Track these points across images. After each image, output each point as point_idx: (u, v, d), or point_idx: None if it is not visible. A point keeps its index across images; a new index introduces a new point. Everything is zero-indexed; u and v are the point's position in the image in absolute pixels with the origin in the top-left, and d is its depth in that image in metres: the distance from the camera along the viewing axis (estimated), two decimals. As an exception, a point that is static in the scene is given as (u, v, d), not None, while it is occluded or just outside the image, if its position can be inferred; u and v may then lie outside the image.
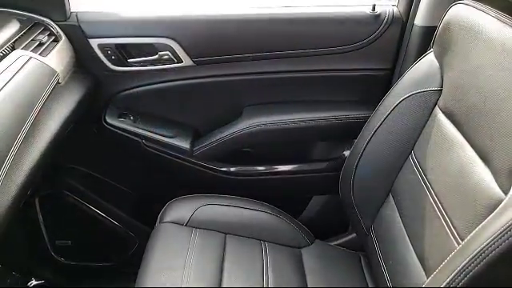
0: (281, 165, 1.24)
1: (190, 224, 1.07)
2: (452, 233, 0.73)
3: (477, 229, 0.62)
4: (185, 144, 1.19)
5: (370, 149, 1.01)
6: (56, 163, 1.24)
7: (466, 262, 0.60)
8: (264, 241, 1.07)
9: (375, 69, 1.14)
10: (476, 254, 0.59)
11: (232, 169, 1.23)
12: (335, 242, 1.18)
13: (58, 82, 0.99)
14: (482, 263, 0.58)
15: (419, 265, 0.81)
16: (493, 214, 0.61)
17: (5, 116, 0.79)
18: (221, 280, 0.95)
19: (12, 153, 0.77)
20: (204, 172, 1.22)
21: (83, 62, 1.11)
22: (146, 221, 1.26)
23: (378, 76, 1.14)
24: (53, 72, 0.97)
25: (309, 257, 1.08)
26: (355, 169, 1.04)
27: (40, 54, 0.96)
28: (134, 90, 1.16)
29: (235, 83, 1.16)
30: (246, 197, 1.15)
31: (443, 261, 0.67)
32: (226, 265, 0.99)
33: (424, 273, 0.79)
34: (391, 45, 1.11)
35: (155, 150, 1.19)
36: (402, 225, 0.92)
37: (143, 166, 1.27)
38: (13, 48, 0.93)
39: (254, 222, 1.11)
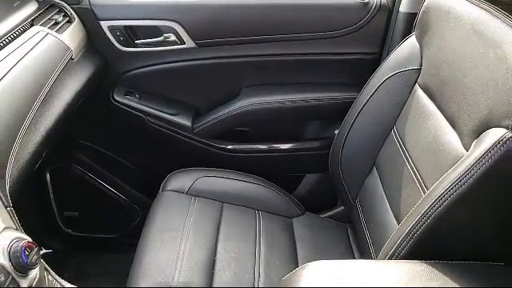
0: (275, 143, 1.33)
1: (190, 192, 1.15)
2: (424, 192, 0.81)
3: (440, 179, 0.71)
4: (186, 121, 1.28)
5: (356, 125, 1.10)
6: (67, 138, 1.32)
7: (428, 205, 0.68)
8: (258, 210, 1.16)
9: (364, 53, 1.23)
10: (437, 198, 0.67)
11: (229, 146, 1.32)
12: (324, 215, 1.26)
13: (71, 58, 1.09)
14: (442, 206, 0.67)
15: (396, 224, 0.90)
16: (454, 166, 0.70)
17: (25, 82, 0.88)
18: (217, 241, 1.03)
19: (30, 115, 0.86)
20: (204, 148, 1.31)
21: (94, 42, 1.20)
22: (149, 194, 1.34)
23: (366, 59, 1.23)
24: (67, 48, 1.06)
25: (299, 226, 1.16)
26: (343, 145, 1.12)
27: (56, 32, 1.06)
28: (140, 69, 1.26)
29: (234, 65, 1.25)
30: (239, 174, 1.23)
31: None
32: (222, 228, 1.07)
33: (399, 229, 0.87)
34: (378, 30, 1.20)
35: (159, 126, 1.28)
36: (383, 192, 1.00)
37: (147, 142, 1.35)
38: (32, 24, 1.02)
39: (250, 193, 1.19)
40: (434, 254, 0.69)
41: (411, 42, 1.03)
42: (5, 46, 0.91)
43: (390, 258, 0.72)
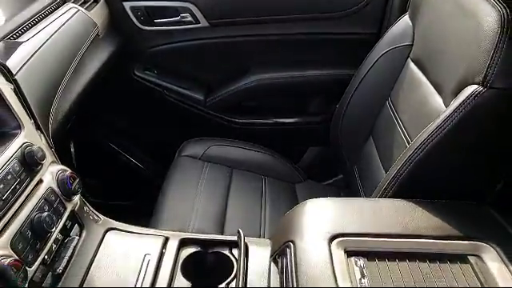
0: (280, 118, 1.45)
1: (203, 158, 1.27)
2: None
3: (422, 131, 0.81)
4: (199, 95, 1.41)
5: (355, 98, 1.21)
6: (91, 111, 1.44)
7: (411, 152, 0.79)
8: (264, 175, 1.27)
9: (363, 33, 1.33)
10: (419, 145, 0.78)
11: (238, 119, 1.44)
12: (324, 183, 1.37)
13: (97, 34, 1.21)
14: (423, 152, 0.77)
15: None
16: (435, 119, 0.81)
17: (60, 50, 1.00)
18: (227, 199, 1.14)
19: (65, 79, 0.98)
20: (214, 120, 1.43)
21: (117, 21, 1.31)
22: (164, 163, 1.45)
23: (365, 39, 1.33)
24: (94, 24, 1.18)
25: (301, 190, 1.27)
26: (343, 116, 1.23)
27: (85, 9, 1.18)
28: (159, 47, 1.37)
29: (243, 44, 1.36)
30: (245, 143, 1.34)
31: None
32: (232, 189, 1.19)
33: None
34: (377, 11, 1.30)
35: (174, 99, 1.40)
36: (377, 156, 1.11)
37: (163, 114, 1.47)
38: (64, 2, 1.14)
39: (257, 160, 1.31)
40: (416, 195, 0.79)
41: (405, 20, 1.13)
42: (42, 19, 1.03)
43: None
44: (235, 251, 0.78)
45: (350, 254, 0.67)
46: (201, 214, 1.06)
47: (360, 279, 0.64)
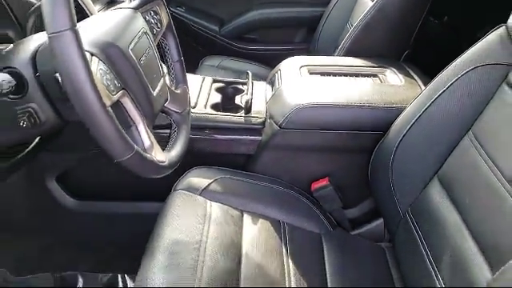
0: (273, 45, 1.97)
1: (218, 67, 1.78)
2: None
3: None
4: (215, 26, 1.94)
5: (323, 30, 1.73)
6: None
7: (353, 27, 1.31)
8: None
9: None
10: (357, 23, 1.31)
11: (245, 46, 1.96)
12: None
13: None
14: (360, 26, 1.30)
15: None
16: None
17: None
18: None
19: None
20: (227, 46, 1.95)
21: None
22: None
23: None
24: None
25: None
26: (318, 37, 1.75)
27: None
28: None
29: None
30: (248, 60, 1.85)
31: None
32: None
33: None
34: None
35: (197, 28, 1.94)
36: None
37: (189, 39, 1.99)
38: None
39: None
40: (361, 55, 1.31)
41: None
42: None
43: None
44: (245, 86, 1.28)
45: (311, 73, 1.20)
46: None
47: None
